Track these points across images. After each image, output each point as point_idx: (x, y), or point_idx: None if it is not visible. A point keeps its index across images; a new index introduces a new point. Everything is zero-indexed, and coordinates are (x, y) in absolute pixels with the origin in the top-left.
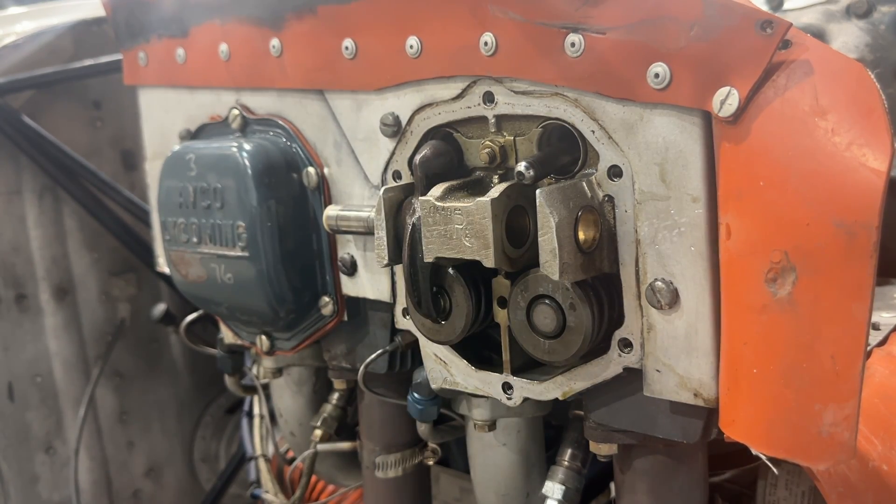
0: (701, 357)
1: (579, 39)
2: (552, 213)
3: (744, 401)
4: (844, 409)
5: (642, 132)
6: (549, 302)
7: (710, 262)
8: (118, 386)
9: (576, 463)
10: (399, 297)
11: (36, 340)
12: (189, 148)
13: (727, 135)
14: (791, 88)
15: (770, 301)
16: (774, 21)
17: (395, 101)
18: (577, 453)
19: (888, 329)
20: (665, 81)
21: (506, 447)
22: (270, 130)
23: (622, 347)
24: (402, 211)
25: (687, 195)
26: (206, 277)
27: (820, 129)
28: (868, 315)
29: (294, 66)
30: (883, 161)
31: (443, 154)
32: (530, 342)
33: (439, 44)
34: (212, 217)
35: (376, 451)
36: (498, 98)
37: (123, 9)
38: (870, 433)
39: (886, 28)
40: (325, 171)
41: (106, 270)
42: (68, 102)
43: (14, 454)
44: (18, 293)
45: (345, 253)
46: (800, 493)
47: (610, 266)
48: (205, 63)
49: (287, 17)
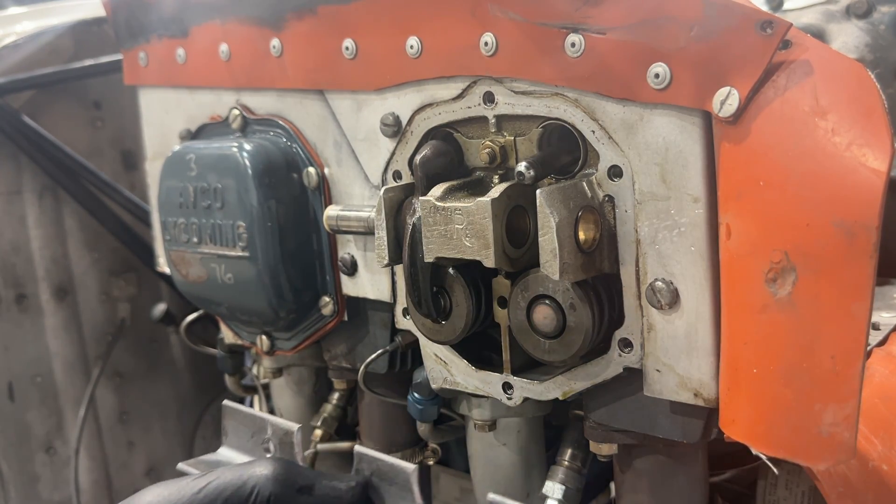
0: (701, 357)
1: (579, 39)
2: (552, 213)
3: (744, 401)
4: (844, 409)
5: (642, 132)
6: (549, 302)
7: (710, 262)
8: (118, 386)
9: (576, 463)
10: (399, 297)
11: (36, 340)
12: (189, 148)
13: (727, 135)
14: (791, 88)
15: (770, 301)
16: (774, 21)
17: (395, 101)
18: (577, 453)
19: (888, 329)
20: (665, 81)
21: (506, 447)
22: (271, 130)
23: (622, 347)
24: (403, 211)
25: (687, 195)
26: (206, 277)
27: (820, 129)
28: (868, 315)
29: (294, 67)
30: (883, 161)
31: (443, 154)
32: (530, 342)
33: (439, 44)
34: (212, 217)
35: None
36: (498, 98)
37: (123, 9)
38: (870, 433)
39: (886, 28)
40: (325, 172)
41: (106, 270)
42: (68, 102)
43: (14, 454)
44: (18, 293)
45: (345, 253)
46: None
47: (610, 266)
48: (205, 63)
49: (287, 18)
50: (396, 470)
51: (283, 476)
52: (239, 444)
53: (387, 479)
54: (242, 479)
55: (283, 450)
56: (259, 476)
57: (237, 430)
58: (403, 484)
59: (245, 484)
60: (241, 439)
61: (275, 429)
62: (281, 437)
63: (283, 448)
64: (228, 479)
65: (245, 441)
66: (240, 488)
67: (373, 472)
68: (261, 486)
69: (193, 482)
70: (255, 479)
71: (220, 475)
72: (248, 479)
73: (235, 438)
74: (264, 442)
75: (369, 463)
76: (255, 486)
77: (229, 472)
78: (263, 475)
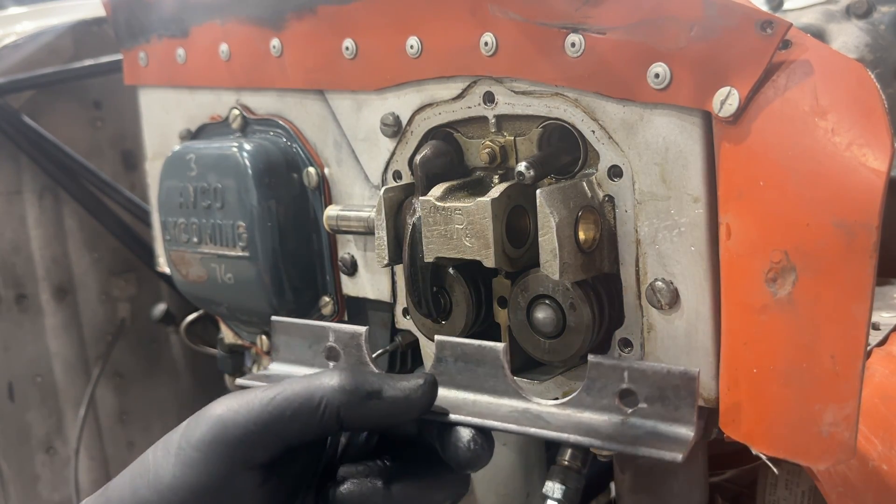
0: (701, 357)
1: (579, 39)
2: (552, 213)
3: (744, 401)
4: (844, 409)
5: (642, 132)
6: (549, 302)
7: (710, 262)
8: (118, 386)
9: (576, 463)
10: (399, 297)
11: (36, 340)
12: (189, 148)
13: (727, 135)
14: (791, 88)
15: (770, 301)
16: (774, 21)
17: (395, 101)
18: (577, 453)
19: (888, 329)
20: (665, 81)
21: (506, 447)
22: (271, 130)
23: (622, 347)
24: (403, 211)
25: (687, 195)
26: (206, 277)
27: (820, 129)
28: (868, 315)
29: (294, 66)
30: (883, 161)
31: (443, 154)
32: (530, 342)
33: (439, 44)
34: (212, 217)
35: None
36: (498, 98)
37: (123, 9)
38: (870, 433)
39: (886, 28)
40: (325, 171)
41: (106, 270)
42: (68, 102)
43: (14, 454)
44: (18, 293)
45: (345, 253)
46: (800, 493)
47: (610, 266)
48: (205, 63)
49: (287, 17)
50: (485, 351)
51: (351, 385)
52: (294, 356)
53: (473, 361)
54: (310, 391)
55: (349, 354)
56: (326, 387)
57: (290, 344)
58: (493, 363)
59: (313, 396)
60: (295, 352)
61: (338, 334)
62: (346, 341)
63: (349, 353)
64: (296, 391)
65: (302, 353)
66: (307, 400)
67: (457, 358)
68: (328, 397)
69: (262, 393)
70: (321, 390)
71: (288, 386)
72: (316, 391)
73: (289, 352)
74: (324, 350)
75: (453, 349)
76: (322, 397)
77: (297, 384)
78: (330, 386)
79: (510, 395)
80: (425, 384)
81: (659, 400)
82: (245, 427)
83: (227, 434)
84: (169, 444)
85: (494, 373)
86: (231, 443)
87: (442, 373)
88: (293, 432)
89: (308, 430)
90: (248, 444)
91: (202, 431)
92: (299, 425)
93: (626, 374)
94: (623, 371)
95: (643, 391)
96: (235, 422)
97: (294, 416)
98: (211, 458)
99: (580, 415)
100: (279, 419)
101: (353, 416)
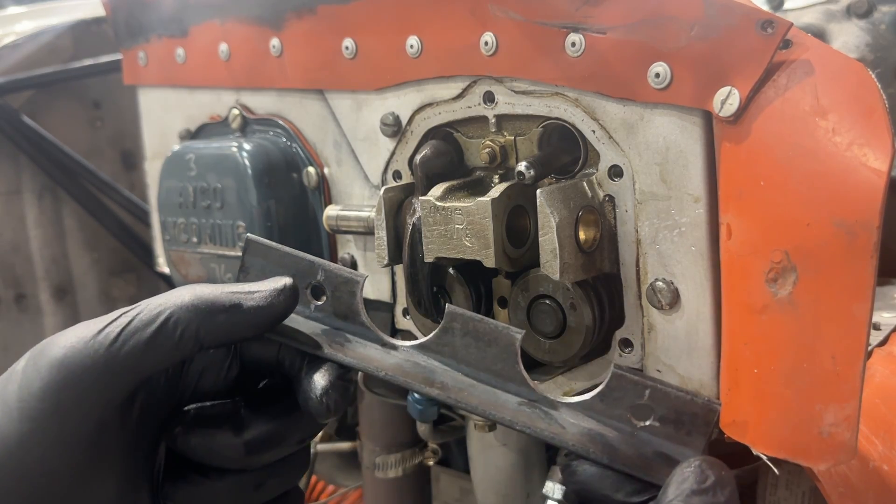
0: (701, 357)
1: (580, 39)
2: (553, 213)
3: (744, 401)
4: (845, 410)
5: (643, 132)
6: (550, 302)
7: (710, 262)
8: None
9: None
10: (399, 297)
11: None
12: (189, 148)
13: (728, 135)
14: (792, 88)
15: (771, 301)
16: (775, 21)
17: (395, 100)
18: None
19: (889, 329)
20: (665, 81)
21: (506, 447)
22: (270, 130)
23: (623, 347)
24: (403, 211)
25: (687, 195)
26: (205, 277)
27: (820, 128)
28: (869, 315)
29: (294, 66)
30: (883, 161)
31: (443, 154)
32: (530, 342)
33: (439, 44)
34: (212, 217)
35: (376, 452)
36: (498, 98)
37: (123, 9)
38: (870, 433)
39: (887, 28)
40: (325, 171)
41: (106, 270)
42: (68, 102)
43: None
44: (18, 293)
45: (345, 253)
46: (800, 494)
47: (610, 266)
48: (205, 63)
49: (287, 17)
50: (500, 333)
51: (207, 301)
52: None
53: (484, 340)
54: (162, 313)
55: (338, 299)
56: (180, 306)
57: (266, 270)
58: (506, 347)
59: (167, 319)
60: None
61: (329, 275)
62: (337, 285)
63: (338, 297)
64: (147, 316)
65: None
66: (161, 324)
67: (466, 333)
68: (183, 317)
69: (109, 323)
70: (175, 310)
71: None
72: (171, 313)
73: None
74: (307, 287)
75: (464, 323)
76: (177, 319)
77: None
78: (184, 304)
79: (517, 382)
80: (286, 289)
81: (673, 423)
82: (93, 367)
83: (74, 378)
84: (6, 398)
85: (505, 357)
86: (80, 386)
87: (445, 343)
88: (149, 363)
89: (165, 358)
90: (100, 384)
91: (44, 379)
92: (154, 354)
93: (648, 392)
94: (645, 389)
95: (660, 411)
96: (82, 363)
97: (149, 344)
98: (61, 407)
99: (587, 418)
100: (132, 352)
101: (212, 335)
